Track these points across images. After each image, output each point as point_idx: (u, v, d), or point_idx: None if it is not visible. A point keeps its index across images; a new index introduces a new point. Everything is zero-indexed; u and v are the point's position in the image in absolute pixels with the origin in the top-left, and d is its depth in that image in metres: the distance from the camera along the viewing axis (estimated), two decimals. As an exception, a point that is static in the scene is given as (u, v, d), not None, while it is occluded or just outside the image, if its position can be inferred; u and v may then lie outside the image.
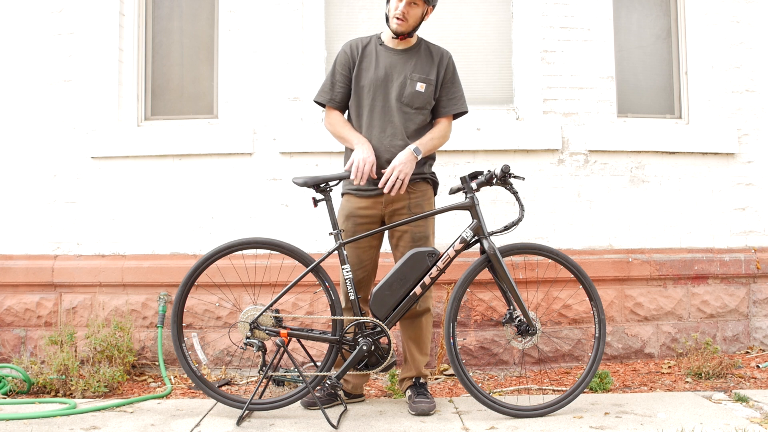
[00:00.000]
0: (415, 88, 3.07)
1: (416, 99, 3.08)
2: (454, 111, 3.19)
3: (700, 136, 4.12)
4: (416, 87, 3.07)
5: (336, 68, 3.15)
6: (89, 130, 4.04)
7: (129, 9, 4.14)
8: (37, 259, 3.98)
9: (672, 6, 4.30)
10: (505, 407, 2.93)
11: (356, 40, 3.17)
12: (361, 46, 3.14)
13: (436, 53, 3.16)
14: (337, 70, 3.14)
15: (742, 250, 4.10)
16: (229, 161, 4.02)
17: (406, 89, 3.07)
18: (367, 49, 3.13)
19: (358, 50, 3.13)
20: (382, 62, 3.10)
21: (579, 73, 4.07)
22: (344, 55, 3.14)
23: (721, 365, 3.57)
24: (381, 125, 3.08)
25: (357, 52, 3.13)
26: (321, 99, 3.18)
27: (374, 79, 3.08)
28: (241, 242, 3.04)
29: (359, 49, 3.13)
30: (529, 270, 3.78)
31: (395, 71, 3.08)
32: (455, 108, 3.18)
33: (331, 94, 3.15)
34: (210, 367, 3.87)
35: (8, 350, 3.93)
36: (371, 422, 2.90)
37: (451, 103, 3.17)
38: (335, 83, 3.14)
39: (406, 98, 3.07)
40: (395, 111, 3.07)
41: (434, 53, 3.16)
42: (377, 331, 2.96)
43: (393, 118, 3.07)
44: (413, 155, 3.00)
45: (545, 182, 4.02)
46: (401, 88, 3.07)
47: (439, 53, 3.16)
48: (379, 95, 3.08)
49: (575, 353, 3.92)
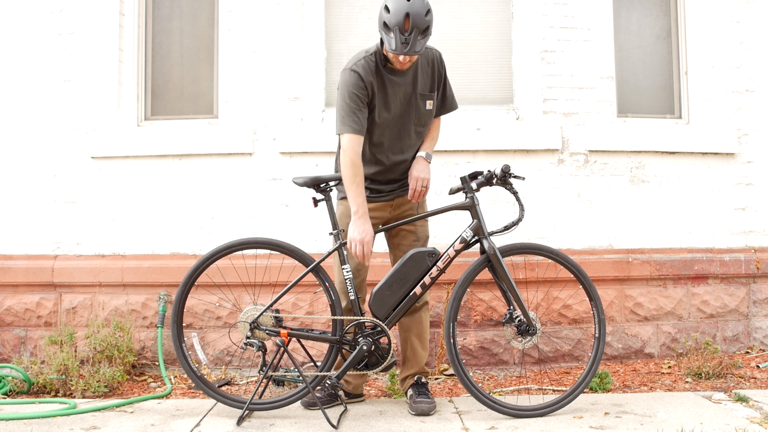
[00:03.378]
0: (425, 108, 3.09)
1: (427, 117, 3.13)
2: (449, 111, 3.23)
3: (700, 136, 4.12)
4: (426, 107, 3.09)
5: (355, 94, 2.92)
6: (89, 130, 4.04)
7: (129, 9, 4.14)
8: (37, 259, 3.98)
9: (672, 6, 4.30)
10: (505, 407, 2.93)
11: (364, 67, 2.94)
12: (371, 73, 2.95)
13: (432, 60, 3.10)
14: (357, 96, 2.92)
15: (742, 250, 4.10)
16: (229, 161, 4.02)
17: (419, 113, 3.08)
18: (377, 76, 2.97)
19: (371, 78, 2.95)
20: (395, 93, 3.00)
21: (579, 73, 4.07)
22: (360, 81, 2.92)
23: (721, 365, 3.57)
24: (396, 145, 3.08)
25: (371, 81, 2.95)
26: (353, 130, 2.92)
27: (391, 113, 3.03)
28: (241, 242, 3.04)
29: (371, 76, 2.95)
30: (529, 270, 3.78)
31: (407, 98, 3.04)
32: (451, 108, 3.22)
33: (361, 125, 2.93)
34: (210, 367, 3.87)
35: (8, 350, 3.93)
36: (371, 422, 2.90)
37: (447, 104, 3.21)
38: (358, 111, 2.93)
39: (421, 120, 3.11)
40: (410, 132, 3.10)
41: (430, 60, 3.09)
42: (377, 331, 2.96)
43: (407, 138, 3.10)
44: (427, 162, 3.11)
45: (545, 182, 4.02)
46: (416, 115, 3.07)
47: (434, 60, 3.11)
48: (396, 124, 3.06)
49: (575, 353, 3.92)
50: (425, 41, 2.87)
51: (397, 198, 3.16)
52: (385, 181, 3.11)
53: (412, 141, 3.11)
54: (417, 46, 2.82)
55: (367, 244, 2.89)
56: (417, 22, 2.79)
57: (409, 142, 3.11)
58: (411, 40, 2.79)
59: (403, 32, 2.78)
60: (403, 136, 3.08)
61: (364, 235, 2.89)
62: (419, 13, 2.79)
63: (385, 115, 3.00)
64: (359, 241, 2.89)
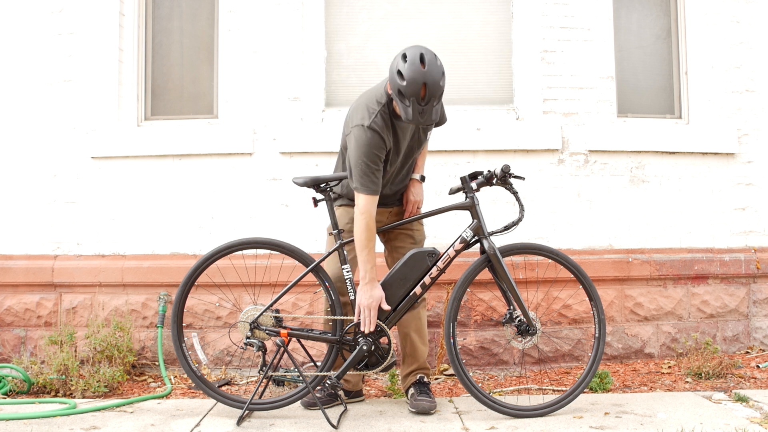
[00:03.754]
0: (427, 137, 3.12)
1: (425, 140, 3.15)
2: (441, 125, 3.23)
3: (700, 136, 4.12)
4: (427, 137, 3.13)
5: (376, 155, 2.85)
6: (89, 130, 4.04)
7: (129, 9, 4.14)
8: (37, 259, 3.98)
9: (672, 6, 4.30)
10: (505, 407, 2.93)
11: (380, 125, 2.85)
12: (387, 128, 2.88)
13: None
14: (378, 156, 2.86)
15: (742, 250, 4.10)
16: (229, 161, 4.02)
17: (422, 143, 3.12)
18: (391, 129, 2.92)
19: (388, 134, 2.89)
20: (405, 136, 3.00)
21: (579, 73, 4.07)
22: (381, 142, 2.85)
23: (721, 365, 3.57)
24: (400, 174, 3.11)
25: (388, 137, 2.89)
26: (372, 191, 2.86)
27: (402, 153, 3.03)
28: (241, 242, 3.04)
29: (387, 132, 2.89)
30: (529, 270, 3.78)
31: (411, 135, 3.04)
32: (442, 122, 3.22)
33: (379, 185, 2.89)
34: (210, 367, 3.87)
35: (8, 350, 3.93)
36: (371, 422, 2.90)
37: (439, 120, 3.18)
38: (377, 171, 2.87)
39: (422, 146, 3.14)
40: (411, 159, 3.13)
41: None
42: (377, 331, 2.96)
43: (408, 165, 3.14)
44: (421, 183, 3.22)
45: (545, 182, 4.02)
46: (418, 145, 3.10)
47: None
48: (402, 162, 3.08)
49: (575, 353, 3.92)
50: (439, 106, 2.85)
51: (397, 206, 3.22)
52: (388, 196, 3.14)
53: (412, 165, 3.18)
54: (433, 115, 2.77)
55: (373, 309, 2.90)
56: (433, 90, 2.71)
57: (410, 167, 3.17)
58: (427, 111, 2.73)
59: (420, 102, 2.70)
60: (404, 166, 3.12)
61: (372, 301, 2.90)
62: (436, 82, 2.70)
63: (395, 159, 3.03)
64: (367, 307, 2.90)
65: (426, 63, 2.70)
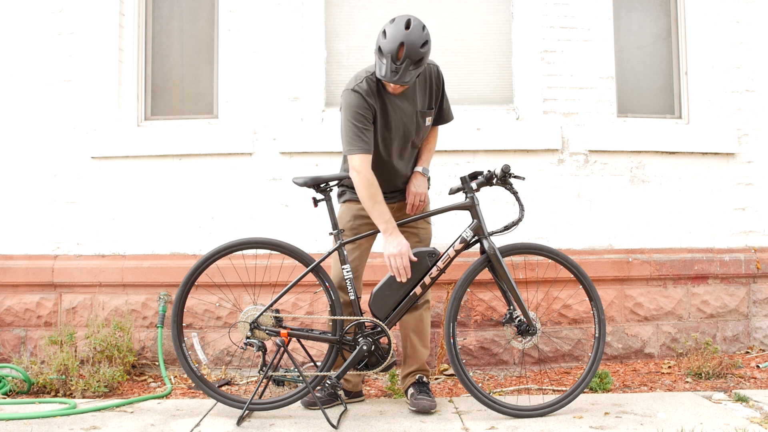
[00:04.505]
0: (424, 125, 3.12)
1: (425, 132, 3.16)
2: (445, 123, 3.25)
3: (700, 136, 4.12)
4: (425, 123, 3.12)
5: (360, 114, 2.91)
6: (89, 130, 4.04)
7: (129, 9, 4.14)
8: (37, 259, 3.98)
9: (672, 6, 4.30)
10: (505, 407, 2.93)
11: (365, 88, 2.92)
12: (372, 93, 2.94)
13: (429, 75, 3.08)
14: (362, 116, 2.91)
15: (742, 250, 4.10)
16: (229, 161, 4.02)
17: (420, 131, 3.11)
18: (378, 97, 2.96)
19: (373, 98, 2.94)
20: (395, 113, 3.01)
21: (579, 73, 4.07)
22: (363, 102, 2.91)
23: (721, 365, 3.57)
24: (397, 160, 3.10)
25: (374, 102, 2.94)
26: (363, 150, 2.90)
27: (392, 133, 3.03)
28: (241, 242, 3.04)
29: (373, 97, 2.94)
30: (529, 270, 3.78)
31: (407, 117, 3.04)
32: (447, 120, 3.24)
33: (369, 144, 2.93)
34: (210, 367, 3.87)
35: (8, 350, 3.93)
36: (371, 422, 2.90)
37: (443, 115, 3.22)
38: (365, 130, 2.92)
39: (420, 135, 3.13)
40: (409, 147, 3.12)
41: (427, 76, 3.07)
42: (377, 331, 2.96)
43: (406, 152, 3.13)
44: (424, 176, 3.17)
45: (545, 182, 4.02)
46: (415, 132, 3.09)
47: (432, 74, 3.08)
48: (397, 143, 3.07)
49: (575, 353, 3.92)
50: (417, 72, 2.84)
51: (399, 202, 3.20)
52: (387, 190, 3.12)
53: (410, 154, 3.17)
54: (407, 77, 2.80)
55: (404, 256, 2.88)
56: (411, 52, 2.76)
57: (409, 155, 3.16)
58: (401, 70, 2.77)
59: (395, 61, 2.76)
60: (403, 152, 3.11)
61: (401, 248, 2.88)
62: (414, 44, 2.77)
63: (386, 135, 3.02)
64: (397, 255, 2.87)
65: (410, 27, 2.80)
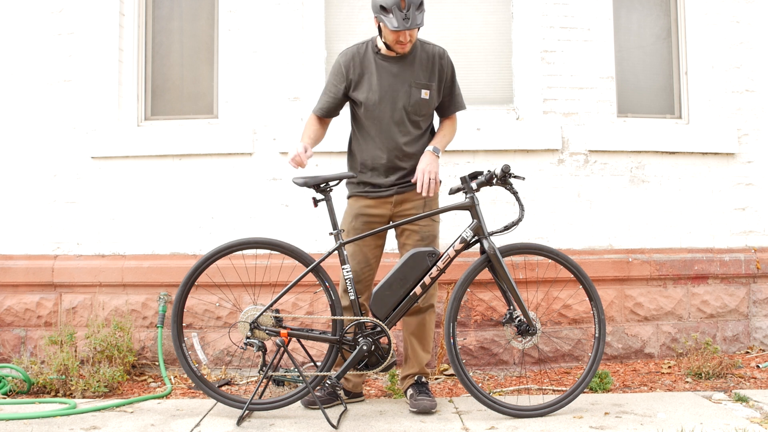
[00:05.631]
0: (420, 96, 3.11)
1: (423, 106, 3.14)
2: (458, 110, 3.26)
3: (700, 136, 4.12)
4: (421, 95, 3.11)
5: (332, 76, 3.17)
6: (89, 130, 4.04)
7: (129, 9, 4.14)
8: (37, 259, 3.98)
9: (672, 6, 4.30)
10: (505, 407, 2.93)
11: (352, 52, 3.15)
12: (357, 58, 3.13)
13: (433, 55, 3.14)
14: (330, 81, 3.18)
15: (742, 250, 4.10)
16: (229, 161, 4.02)
17: (411, 98, 3.10)
18: (365, 62, 3.12)
19: (354, 63, 3.12)
20: (384, 75, 3.08)
21: (579, 73, 4.07)
22: (338, 67, 3.15)
23: (721, 365, 3.57)
24: (391, 128, 3.10)
25: (353, 66, 3.12)
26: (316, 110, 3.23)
27: (379, 93, 3.07)
28: (241, 242, 3.04)
29: (356, 62, 3.12)
30: (529, 270, 3.78)
31: (398, 81, 3.08)
32: (459, 106, 3.26)
33: (323, 106, 3.20)
34: (210, 367, 3.87)
35: (8, 350, 3.93)
36: (371, 422, 2.90)
37: (455, 101, 3.25)
38: (327, 93, 3.18)
39: (413, 107, 3.12)
40: (404, 118, 3.11)
41: (430, 55, 3.14)
42: (377, 331, 2.96)
43: (401, 123, 3.12)
44: (434, 155, 3.11)
45: (545, 182, 4.02)
46: (407, 98, 3.09)
47: (435, 54, 3.15)
48: (386, 108, 3.09)
49: (575, 353, 3.92)
50: (423, 15, 2.98)
51: (397, 195, 3.15)
52: (383, 169, 3.11)
53: (408, 128, 3.13)
54: (417, 20, 2.95)
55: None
56: None
57: (405, 129, 3.12)
58: (411, 16, 2.92)
59: (401, 9, 2.91)
60: (400, 122, 3.11)
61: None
62: None
63: (372, 97, 3.08)
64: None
65: None
